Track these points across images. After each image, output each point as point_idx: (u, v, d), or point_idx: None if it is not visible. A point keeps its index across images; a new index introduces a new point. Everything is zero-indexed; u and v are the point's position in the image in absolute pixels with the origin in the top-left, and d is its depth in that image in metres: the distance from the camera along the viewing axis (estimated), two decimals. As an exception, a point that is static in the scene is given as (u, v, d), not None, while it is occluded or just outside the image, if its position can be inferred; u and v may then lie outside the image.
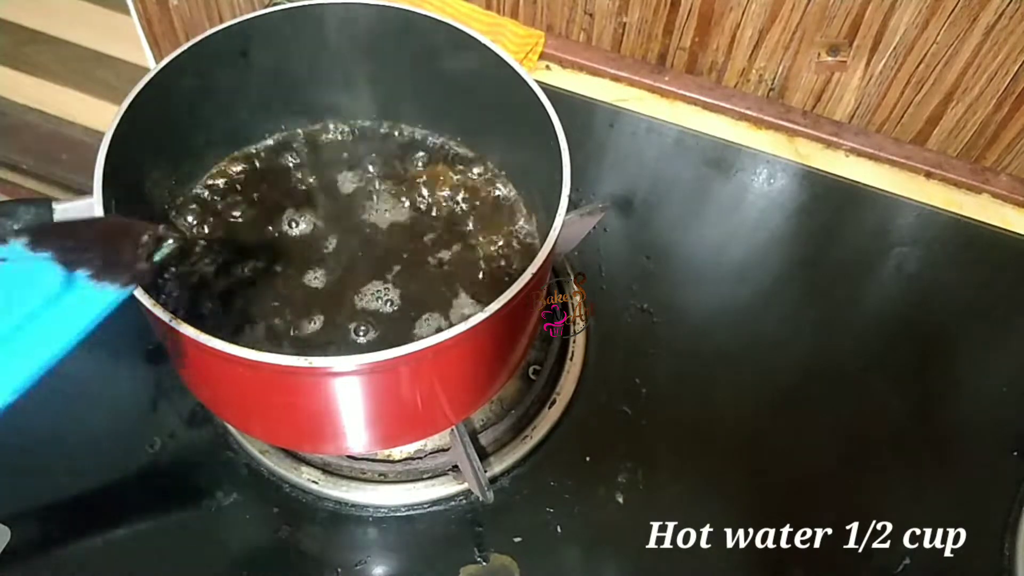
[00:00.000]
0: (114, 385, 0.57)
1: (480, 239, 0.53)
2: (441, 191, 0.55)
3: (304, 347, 0.47)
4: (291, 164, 0.55)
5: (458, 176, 0.56)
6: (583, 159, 0.72)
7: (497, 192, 0.55)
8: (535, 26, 0.79)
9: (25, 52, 1.12)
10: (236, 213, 0.52)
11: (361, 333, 0.48)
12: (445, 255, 0.52)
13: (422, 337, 0.37)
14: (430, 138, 0.58)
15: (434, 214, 0.54)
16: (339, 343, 0.48)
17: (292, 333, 0.48)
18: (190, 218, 0.51)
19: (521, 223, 0.54)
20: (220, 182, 0.53)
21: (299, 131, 0.57)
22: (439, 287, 0.50)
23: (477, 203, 0.55)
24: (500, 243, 0.53)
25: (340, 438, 0.46)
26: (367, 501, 0.53)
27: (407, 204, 0.54)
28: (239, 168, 0.54)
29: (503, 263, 0.52)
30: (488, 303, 0.38)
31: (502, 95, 0.49)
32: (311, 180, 0.55)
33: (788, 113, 0.77)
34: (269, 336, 0.47)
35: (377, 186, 0.55)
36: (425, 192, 0.55)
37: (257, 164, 0.55)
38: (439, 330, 0.38)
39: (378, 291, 0.50)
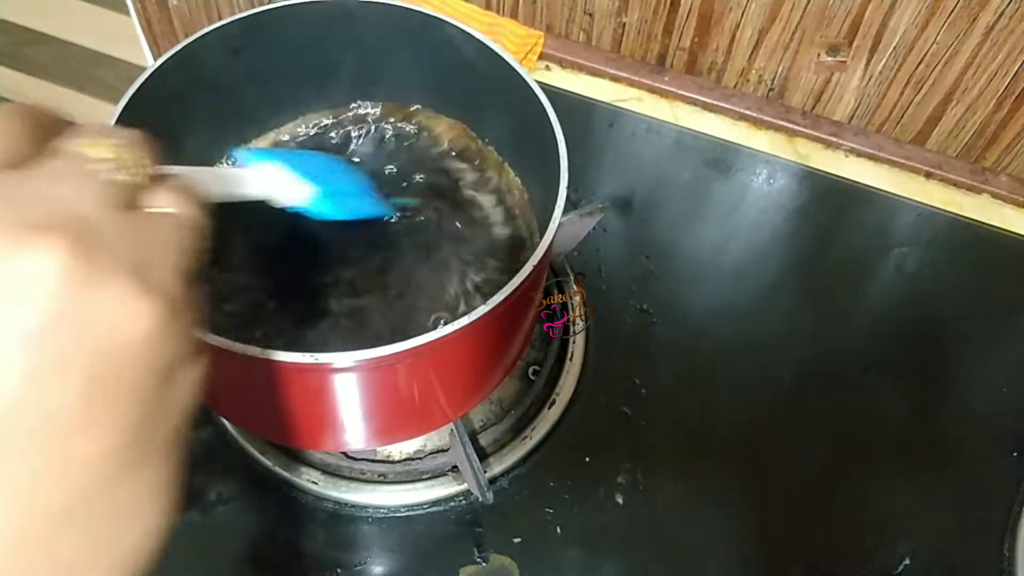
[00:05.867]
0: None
1: (480, 237, 0.53)
2: (439, 189, 0.55)
3: (302, 344, 0.47)
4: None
5: (457, 175, 0.56)
6: (583, 159, 0.72)
7: (496, 191, 0.55)
8: (535, 26, 0.79)
9: (25, 52, 1.12)
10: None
11: (360, 330, 0.48)
12: (444, 254, 0.52)
13: (419, 333, 0.37)
14: (429, 137, 0.57)
15: (433, 213, 0.54)
16: (337, 340, 0.48)
17: (290, 331, 0.48)
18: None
19: (520, 222, 0.54)
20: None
21: (298, 130, 0.57)
22: (437, 284, 0.50)
23: (476, 202, 0.55)
24: (500, 242, 0.53)
25: (338, 434, 0.46)
26: (367, 501, 0.53)
27: (405, 202, 0.54)
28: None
29: (502, 262, 0.52)
30: (486, 301, 0.38)
31: (501, 95, 0.49)
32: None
33: (788, 113, 0.77)
34: (266, 333, 0.47)
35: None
36: (423, 191, 0.55)
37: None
38: (436, 327, 0.38)
39: (376, 288, 0.50)
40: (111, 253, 0.20)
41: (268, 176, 0.39)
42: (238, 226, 0.51)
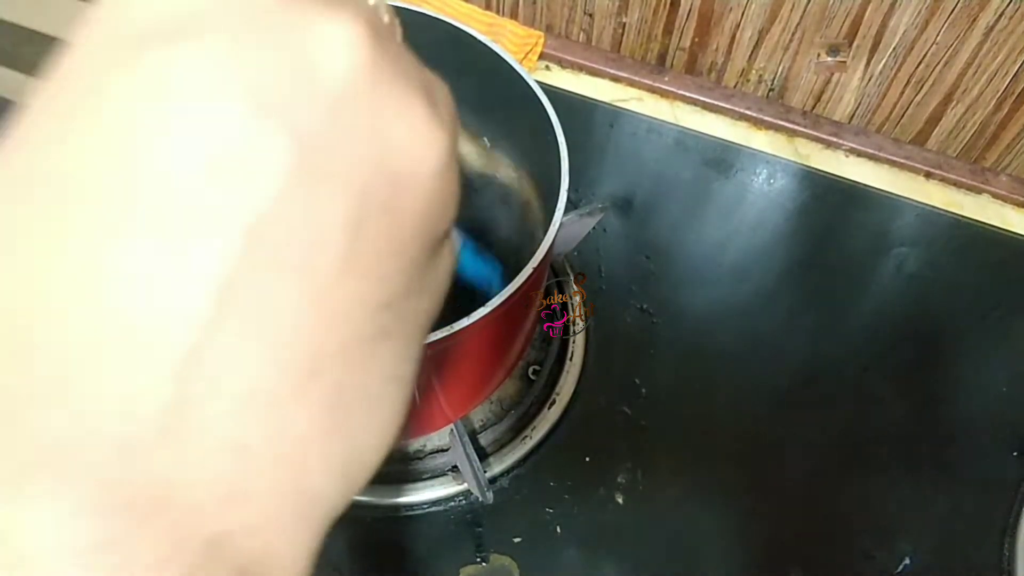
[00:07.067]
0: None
1: (480, 237, 0.53)
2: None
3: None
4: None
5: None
6: (583, 159, 0.72)
7: (496, 191, 0.55)
8: (535, 26, 0.79)
9: (24, 52, 1.12)
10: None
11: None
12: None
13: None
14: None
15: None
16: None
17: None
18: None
19: (520, 222, 0.54)
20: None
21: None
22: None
23: (476, 202, 0.55)
24: (500, 242, 0.53)
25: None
26: (367, 501, 0.53)
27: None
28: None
29: (503, 262, 0.52)
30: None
31: (502, 95, 0.49)
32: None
33: (788, 113, 0.77)
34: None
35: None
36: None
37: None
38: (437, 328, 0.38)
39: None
40: (403, 61, 0.16)
41: None
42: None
